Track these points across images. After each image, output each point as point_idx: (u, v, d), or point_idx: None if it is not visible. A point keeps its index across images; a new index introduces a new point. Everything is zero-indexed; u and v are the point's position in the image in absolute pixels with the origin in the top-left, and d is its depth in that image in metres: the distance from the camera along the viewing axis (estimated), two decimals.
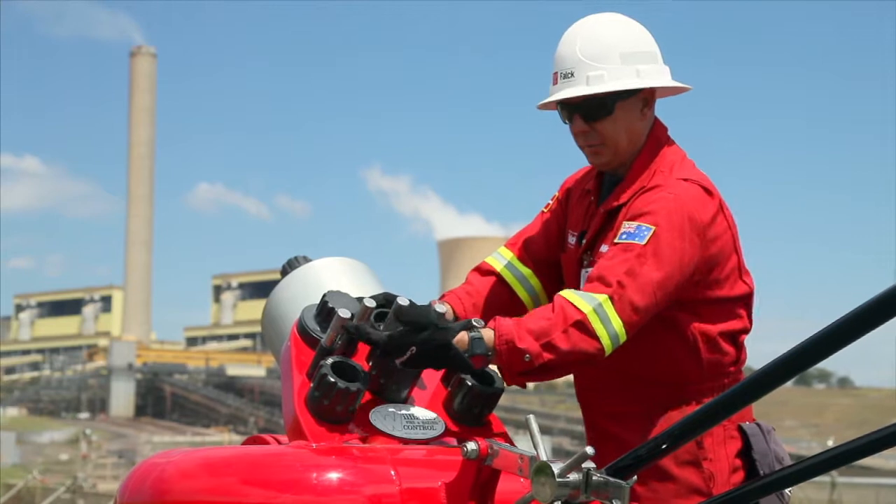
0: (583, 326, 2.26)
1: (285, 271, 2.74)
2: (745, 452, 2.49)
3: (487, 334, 2.22)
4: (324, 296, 2.32)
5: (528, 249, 2.77)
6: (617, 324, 2.29)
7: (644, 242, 2.36)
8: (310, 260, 2.77)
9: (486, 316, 2.56)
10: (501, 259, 2.77)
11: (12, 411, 65.80)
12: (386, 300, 2.28)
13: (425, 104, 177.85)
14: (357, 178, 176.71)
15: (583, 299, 2.29)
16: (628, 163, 2.58)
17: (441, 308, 2.21)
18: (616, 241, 2.41)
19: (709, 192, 2.48)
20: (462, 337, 2.18)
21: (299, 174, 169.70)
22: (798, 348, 1.50)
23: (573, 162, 2.80)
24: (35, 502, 22.62)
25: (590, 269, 2.49)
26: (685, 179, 2.49)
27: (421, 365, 2.17)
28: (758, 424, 2.53)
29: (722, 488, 2.43)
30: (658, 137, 2.60)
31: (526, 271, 2.75)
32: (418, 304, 2.21)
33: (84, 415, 67.91)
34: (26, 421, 62.63)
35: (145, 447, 43.53)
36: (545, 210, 2.81)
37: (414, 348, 2.11)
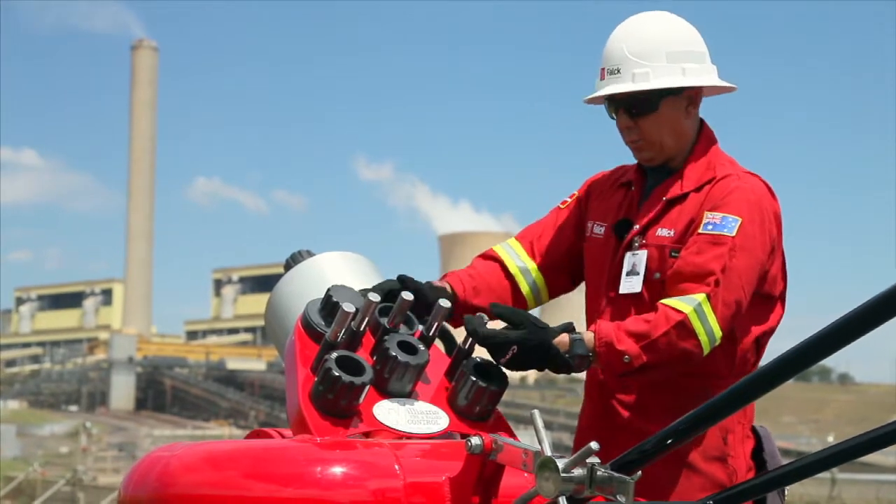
0: (683, 327, 2.33)
1: (288, 265, 2.74)
2: (757, 452, 2.57)
3: (588, 336, 2.30)
4: (328, 290, 2.32)
5: (538, 243, 2.80)
6: (713, 321, 2.36)
7: (734, 234, 2.43)
8: (313, 254, 2.77)
9: (484, 301, 2.60)
10: (508, 249, 2.80)
11: (13, 404, 65.81)
12: (387, 291, 2.31)
13: (424, 98, 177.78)
14: (356, 173, 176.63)
15: (683, 302, 2.36)
16: (681, 157, 2.62)
17: (439, 285, 2.26)
18: (701, 231, 2.46)
19: (768, 186, 2.58)
20: (563, 338, 2.26)
21: (296, 168, 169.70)
22: (801, 346, 1.51)
23: (590, 158, 2.81)
24: (35, 495, 22.60)
25: (639, 252, 2.55)
26: (751, 174, 2.57)
27: (523, 365, 2.23)
28: (762, 426, 2.60)
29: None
30: (710, 136, 2.67)
31: (531, 265, 2.77)
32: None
33: (73, 407, 67.84)
34: (27, 414, 62.63)
35: (145, 440, 43.54)
36: (562, 206, 2.84)
37: (515, 347, 2.18)
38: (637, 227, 2.61)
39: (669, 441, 1.69)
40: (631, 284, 2.55)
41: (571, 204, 2.82)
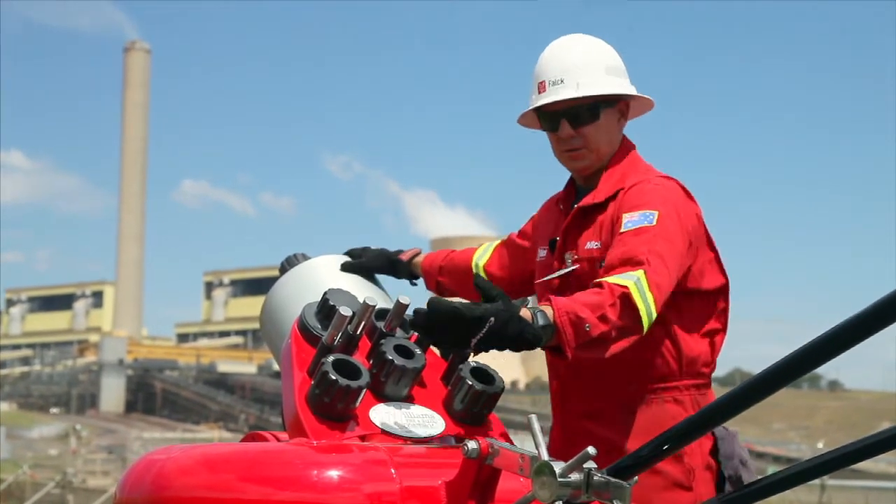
0: (627, 299, 2.35)
1: (284, 269, 2.75)
2: (715, 453, 2.64)
3: (547, 309, 2.27)
4: (325, 293, 2.33)
5: (499, 267, 3.01)
6: (650, 298, 2.40)
7: (654, 224, 2.51)
8: (308, 257, 2.78)
9: (446, 279, 3.01)
10: (484, 248, 3.06)
11: (2, 406, 65.62)
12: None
13: (416, 100, 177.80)
14: (346, 176, 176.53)
15: (623, 277, 2.39)
16: (602, 169, 2.75)
17: (409, 253, 2.49)
18: (622, 231, 2.53)
19: (684, 188, 2.67)
20: (525, 312, 2.22)
21: (284, 171, 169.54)
22: (797, 353, 1.51)
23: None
24: (25, 497, 22.53)
25: (573, 268, 2.66)
26: (666, 177, 2.68)
27: (494, 343, 2.14)
28: (724, 428, 2.66)
29: (699, 483, 2.59)
30: (628, 147, 2.79)
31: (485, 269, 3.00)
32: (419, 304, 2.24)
33: (63, 410, 67.66)
34: (16, 416, 62.46)
35: (135, 443, 43.42)
36: (523, 228, 3.01)
37: (492, 319, 2.10)
38: (558, 239, 2.73)
39: (665, 447, 1.69)
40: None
41: (527, 226, 2.99)
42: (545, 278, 2.75)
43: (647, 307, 2.38)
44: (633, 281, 2.37)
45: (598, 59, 2.73)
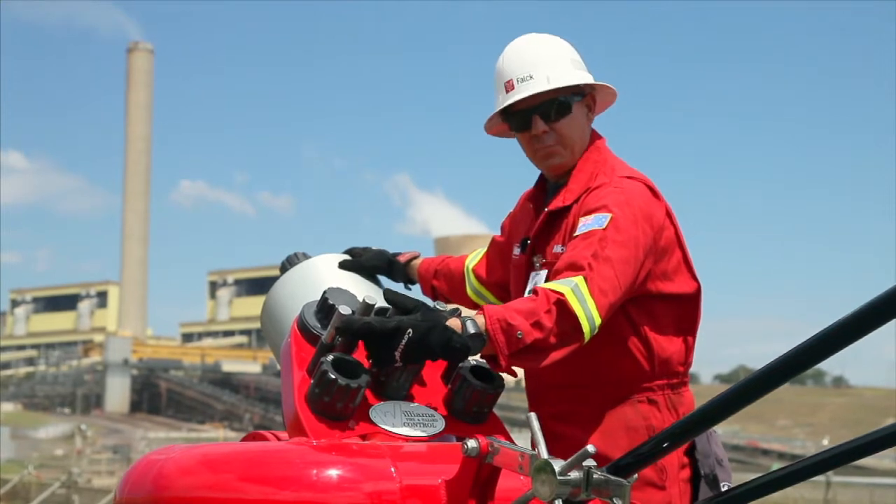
0: (563, 305, 2.28)
1: (284, 268, 2.74)
2: (691, 451, 2.59)
3: (479, 318, 2.22)
4: (324, 292, 2.32)
5: (487, 269, 2.99)
6: (591, 304, 2.33)
7: (604, 227, 2.44)
8: (309, 256, 2.78)
9: (440, 283, 3.00)
10: (477, 253, 3.04)
11: (7, 406, 65.75)
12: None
13: (417, 100, 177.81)
14: (349, 175, 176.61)
15: (559, 283, 2.33)
16: (570, 168, 2.69)
17: (407, 255, 2.52)
18: (575, 235, 2.48)
19: (651, 188, 2.60)
20: (454, 321, 2.18)
21: (279, 170, 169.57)
22: (797, 349, 1.51)
23: None
24: (30, 497, 22.56)
25: (542, 272, 2.61)
26: (629, 177, 2.60)
27: (419, 354, 2.12)
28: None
29: (672, 482, 2.54)
30: (597, 144, 2.72)
31: (480, 288, 2.98)
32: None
33: (68, 410, 67.71)
34: (21, 416, 62.59)
35: (140, 443, 43.50)
36: (502, 224, 2.97)
37: (410, 331, 2.07)
38: (528, 244, 2.69)
39: (665, 445, 1.69)
40: None
41: (506, 223, 2.95)
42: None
43: (588, 313, 2.30)
44: (570, 287, 2.30)
45: (562, 53, 2.69)
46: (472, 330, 2.18)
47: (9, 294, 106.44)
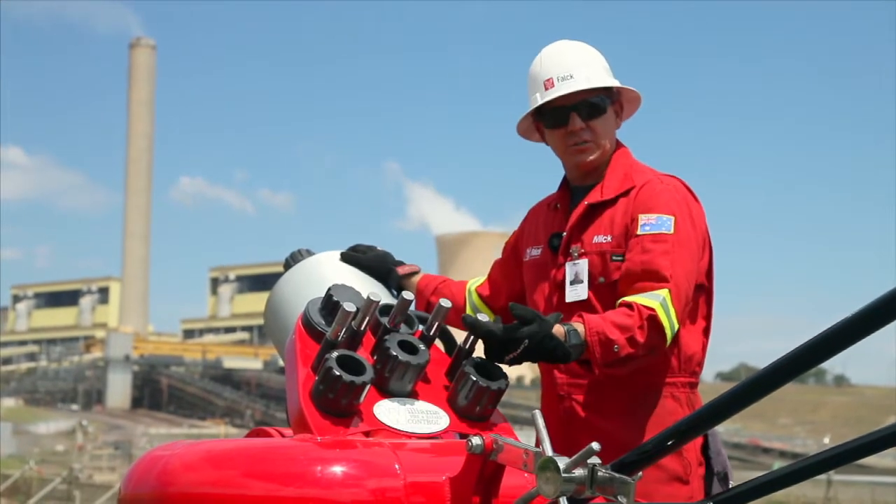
0: (654, 321, 2.47)
1: (288, 265, 2.74)
2: (704, 449, 2.71)
3: (579, 327, 2.40)
4: (329, 289, 2.32)
5: (491, 289, 3.06)
6: (674, 315, 2.51)
7: (672, 231, 2.60)
8: (312, 253, 2.78)
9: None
10: (476, 282, 3.10)
11: (9, 402, 65.77)
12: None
13: (419, 98, 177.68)
14: (352, 173, 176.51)
15: (649, 298, 2.50)
16: (603, 166, 2.81)
17: (407, 268, 2.65)
18: (639, 232, 2.62)
19: (689, 188, 2.75)
20: (559, 329, 2.34)
21: (279, 167, 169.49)
22: (802, 348, 1.51)
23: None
24: (31, 493, 22.56)
25: (580, 261, 2.70)
26: (670, 176, 2.76)
27: (527, 358, 2.27)
28: None
29: (694, 478, 2.65)
30: (623, 150, 2.87)
31: (481, 307, 3.04)
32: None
33: (69, 405, 67.66)
34: (23, 411, 62.61)
35: (141, 439, 43.55)
36: (505, 248, 3.08)
37: (527, 341, 2.23)
38: (565, 234, 2.78)
39: (671, 442, 1.69)
40: (577, 292, 2.71)
41: (511, 241, 3.05)
42: (569, 300, 2.75)
43: (672, 324, 2.49)
44: (658, 301, 2.48)
45: (597, 59, 2.84)
46: (574, 340, 2.37)
47: (10, 290, 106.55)
